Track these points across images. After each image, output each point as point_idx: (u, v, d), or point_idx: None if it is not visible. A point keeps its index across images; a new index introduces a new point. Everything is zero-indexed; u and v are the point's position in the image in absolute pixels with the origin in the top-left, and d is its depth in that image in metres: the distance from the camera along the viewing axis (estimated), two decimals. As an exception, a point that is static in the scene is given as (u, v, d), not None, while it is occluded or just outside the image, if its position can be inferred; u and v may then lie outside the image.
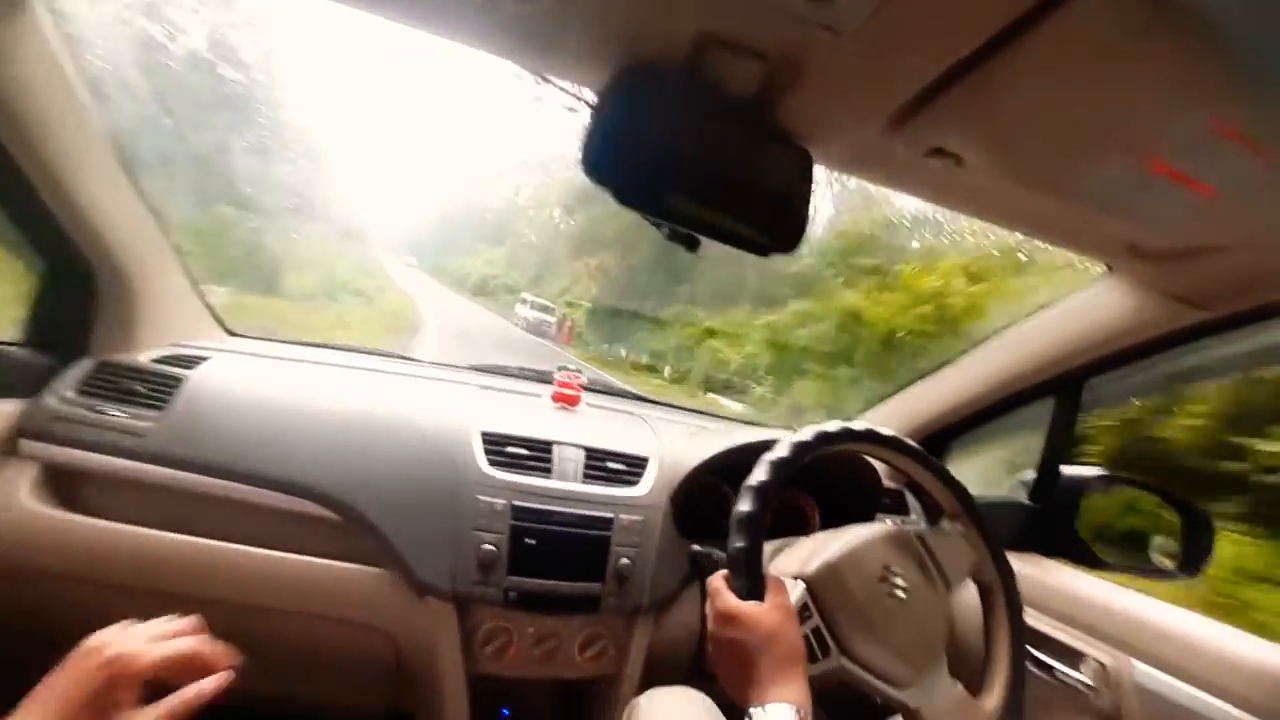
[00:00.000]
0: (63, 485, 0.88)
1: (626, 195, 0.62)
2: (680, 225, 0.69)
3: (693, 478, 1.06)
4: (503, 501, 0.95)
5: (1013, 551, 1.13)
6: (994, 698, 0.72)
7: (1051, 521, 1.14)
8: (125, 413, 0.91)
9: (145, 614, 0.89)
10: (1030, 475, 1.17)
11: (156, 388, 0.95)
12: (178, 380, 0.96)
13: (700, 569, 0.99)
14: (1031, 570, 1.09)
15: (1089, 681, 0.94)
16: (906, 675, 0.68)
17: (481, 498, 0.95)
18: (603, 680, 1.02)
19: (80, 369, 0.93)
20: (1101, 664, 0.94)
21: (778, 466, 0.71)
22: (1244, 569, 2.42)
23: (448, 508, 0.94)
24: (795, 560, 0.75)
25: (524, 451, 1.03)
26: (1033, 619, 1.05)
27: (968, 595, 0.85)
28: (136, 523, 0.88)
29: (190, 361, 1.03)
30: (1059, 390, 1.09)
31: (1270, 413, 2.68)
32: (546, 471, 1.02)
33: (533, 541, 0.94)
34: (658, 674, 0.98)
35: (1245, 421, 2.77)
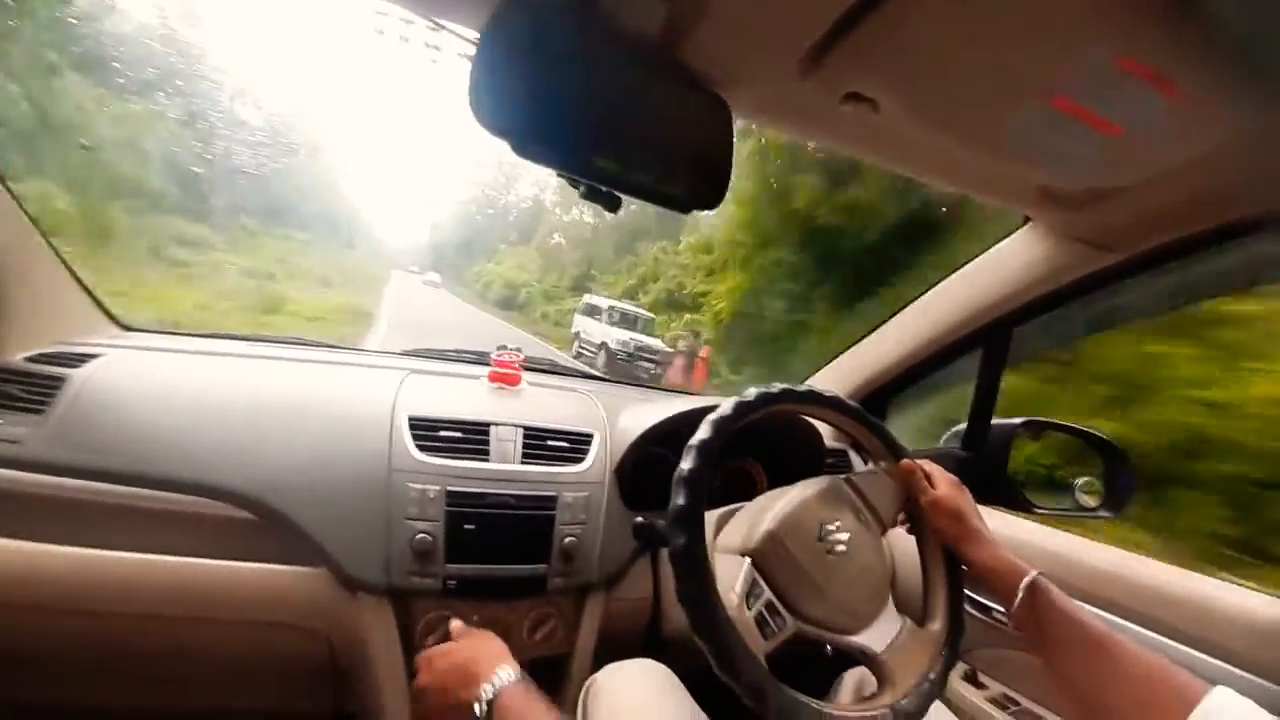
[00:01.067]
0: None
1: (526, 146, 0.57)
2: (593, 180, 0.65)
3: (637, 448, 1.04)
4: (436, 488, 0.90)
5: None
6: (937, 623, 0.74)
7: (984, 469, 1.18)
8: (2, 419, 0.81)
9: (56, 632, 0.82)
10: (963, 427, 1.21)
11: (34, 390, 0.85)
12: (59, 380, 0.87)
13: (646, 540, 0.98)
14: None
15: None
16: (857, 622, 0.69)
17: (413, 485, 0.90)
18: (557, 659, 1.00)
19: None
20: None
21: (718, 424, 0.71)
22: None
23: (376, 498, 0.89)
24: (738, 535, 0.74)
25: (458, 435, 0.98)
26: None
27: (901, 533, 0.87)
28: (24, 538, 0.79)
29: (75, 360, 0.92)
30: (987, 342, 1.12)
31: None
32: (484, 454, 0.97)
33: (471, 527, 0.90)
34: (613, 648, 0.96)
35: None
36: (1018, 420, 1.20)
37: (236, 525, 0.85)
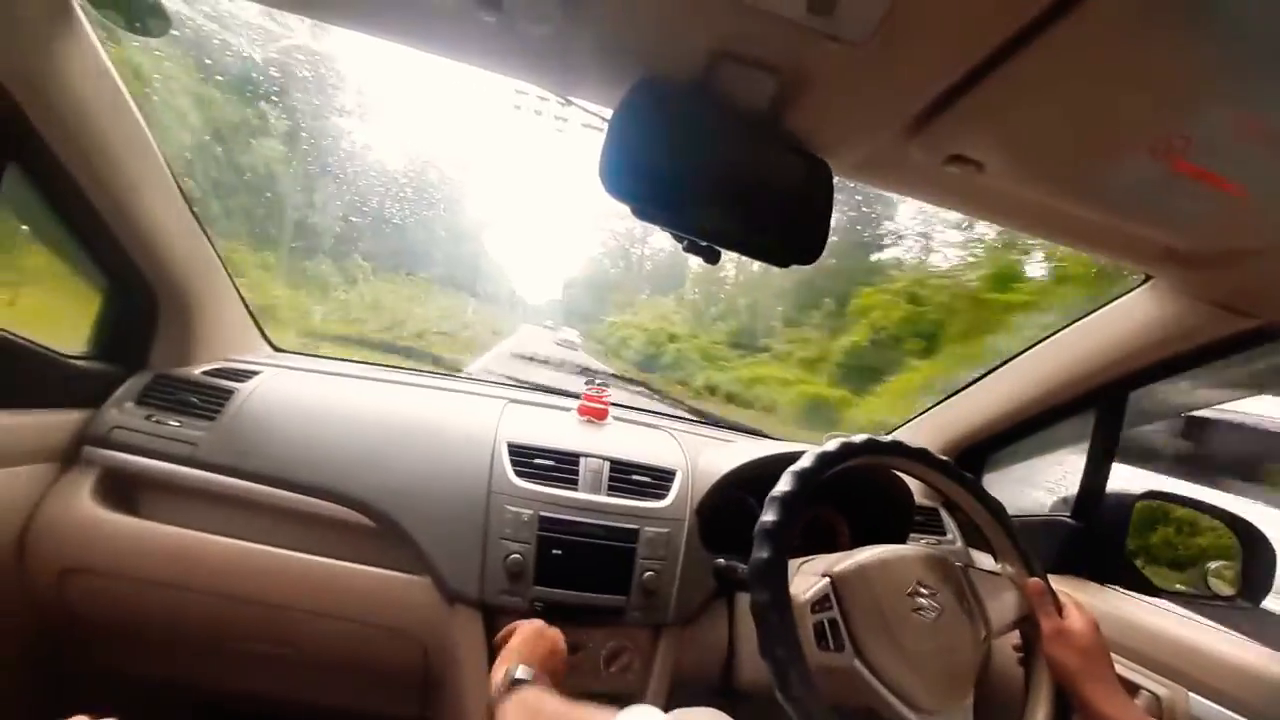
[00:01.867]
0: (120, 490, 0.94)
1: (645, 210, 0.63)
2: (699, 238, 0.71)
3: (718, 490, 1.06)
4: (530, 512, 0.96)
5: (1056, 574, 1.09)
6: None
7: (1097, 542, 1.08)
8: (179, 422, 0.97)
9: (190, 611, 0.94)
10: (1070, 493, 1.12)
11: (209, 399, 1.01)
12: (229, 393, 1.02)
13: (725, 582, 0.98)
14: (1076, 594, 1.04)
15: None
16: (923, 699, 0.64)
17: (510, 508, 0.96)
18: (629, 697, 1.01)
19: (139, 381, 1.00)
20: (1156, 697, 0.88)
21: (802, 477, 0.71)
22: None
23: (477, 517, 0.96)
24: (824, 562, 0.73)
25: (550, 463, 1.04)
26: None
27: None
28: (187, 526, 0.93)
29: (241, 375, 1.09)
30: (1101, 403, 1.05)
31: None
32: (573, 483, 1.03)
33: (559, 552, 0.95)
34: (686, 694, 0.96)
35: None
36: (1137, 491, 1.10)
37: (357, 531, 0.95)
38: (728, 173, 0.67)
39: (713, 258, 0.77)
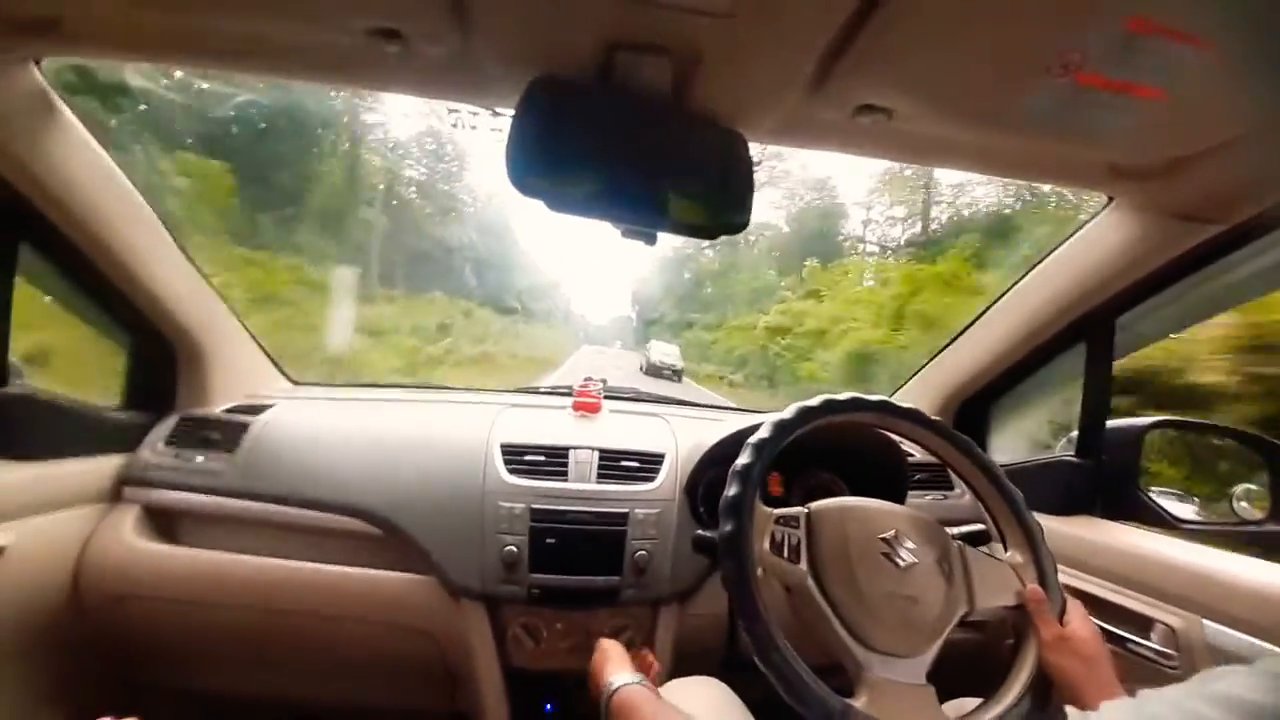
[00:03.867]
0: (160, 522, 1.04)
1: (559, 203, 0.67)
2: (626, 224, 0.73)
3: (701, 468, 1.08)
4: (522, 505, 1.02)
5: (1065, 516, 1.06)
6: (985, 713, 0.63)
7: (1107, 479, 1.04)
8: (204, 457, 1.07)
9: (231, 626, 1.04)
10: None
11: (229, 434, 1.11)
12: (245, 426, 1.12)
13: (706, 553, 1.00)
14: (1085, 533, 1.01)
15: (1161, 648, 0.85)
16: (872, 637, 0.63)
17: (503, 503, 1.02)
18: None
19: (167, 424, 1.11)
20: (1171, 628, 0.85)
21: (758, 448, 0.71)
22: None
23: (474, 515, 1.02)
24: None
25: (541, 458, 1.09)
26: (1094, 586, 0.96)
27: None
28: (221, 549, 1.02)
29: (256, 410, 1.18)
30: (1089, 334, 1.01)
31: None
32: (563, 475, 1.08)
33: (552, 540, 1.00)
34: (691, 667, 0.99)
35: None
36: (1146, 420, 1.06)
37: (368, 539, 1.03)
38: (643, 156, 0.70)
39: (650, 240, 0.80)
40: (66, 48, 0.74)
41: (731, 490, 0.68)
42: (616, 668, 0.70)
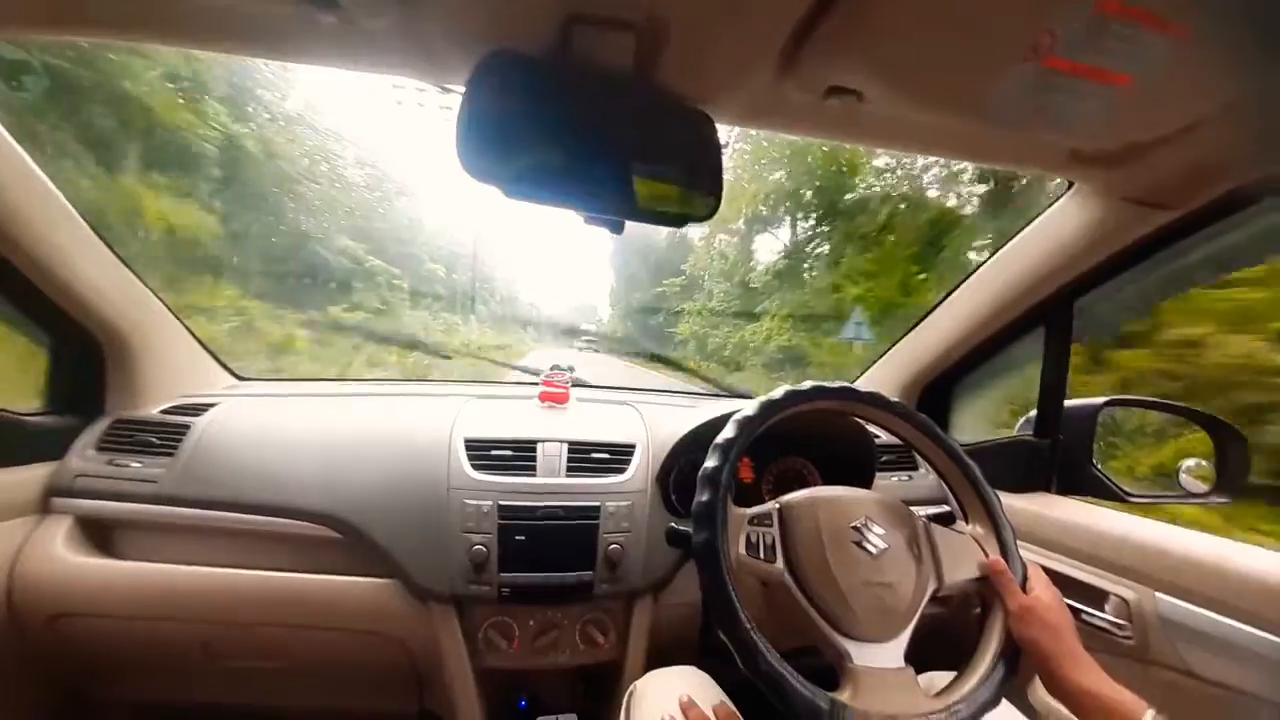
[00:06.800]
0: (93, 534, 0.97)
1: (515, 189, 0.62)
2: (589, 210, 0.70)
3: (674, 456, 1.07)
4: (489, 502, 0.98)
5: (1023, 493, 1.09)
6: (949, 696, 0.63)
7: (1063, 457, 1.08)
8: (141, 463, 0.99)
9: (178, 639, 0.98)
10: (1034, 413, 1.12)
11: (167, 437, 1.03)
12: (185, 428, 1.04)
13: (679, 545, 0.99)
14: (1043, 509, 1.04)
15: (1115, 619, 0.89)
16: (851, 625, 0.63)
17: (469, 501, 0.98)
18: (611, 665, 1.04)
19: (97, 428, 1.02)
20: (1124, 600, 0.88)
21: (743, 423, 0.72)
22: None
23: (438, 514, 0.97)
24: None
25: (508, 452, 1.06)
26: (1051, 560, 1.00)
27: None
28: (167, 560, 0.95)
29: (197, 410, 1.11)
30: (1048, 318, 1.04)
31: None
32: (531, 469, 1.04)
33: (522, 537, 0.97)
34: (667, 656, 0.98)
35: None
36: (1099, 400, 1.09)
37: (326, 544, 0.98)
38: (605, 136, 0.66)
39: (616, 228, 0.76)
40: None
41: (703, 496, 0.67)
42: None
